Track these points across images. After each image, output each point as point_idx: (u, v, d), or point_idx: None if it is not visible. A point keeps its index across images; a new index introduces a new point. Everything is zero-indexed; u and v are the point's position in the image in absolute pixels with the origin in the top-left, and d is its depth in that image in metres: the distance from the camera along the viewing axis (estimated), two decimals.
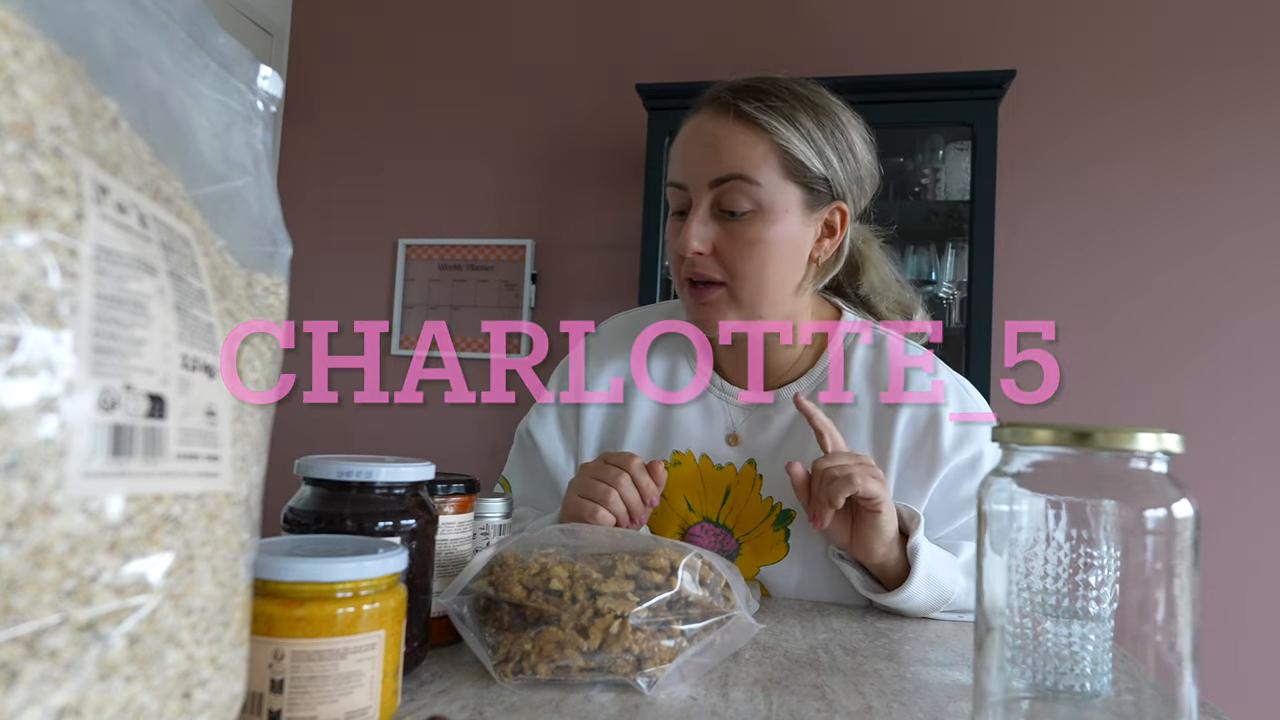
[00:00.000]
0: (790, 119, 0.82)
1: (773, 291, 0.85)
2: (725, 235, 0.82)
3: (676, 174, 0.85)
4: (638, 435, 0.94)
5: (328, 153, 2.76)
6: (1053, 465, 0.43)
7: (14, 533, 0.22)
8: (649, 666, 0.51)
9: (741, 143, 0.81)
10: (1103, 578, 0.42)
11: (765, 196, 0.81)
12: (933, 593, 0.77)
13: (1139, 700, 0.42)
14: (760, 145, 0.81)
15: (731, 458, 0.91)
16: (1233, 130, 2.20)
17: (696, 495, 0.91)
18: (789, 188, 0.82)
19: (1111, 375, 2.22)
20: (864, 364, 0.90)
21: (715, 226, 0.83)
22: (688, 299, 0.87)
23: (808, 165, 0.82)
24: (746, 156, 0.81)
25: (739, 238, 0.82)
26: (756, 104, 0.82)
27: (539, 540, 0.60)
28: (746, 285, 0.83)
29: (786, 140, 0.81)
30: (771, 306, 0.86)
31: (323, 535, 0.47)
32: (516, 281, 2.60)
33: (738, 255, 0.82)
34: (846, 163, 0.85)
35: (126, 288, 0.26)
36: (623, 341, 0.98)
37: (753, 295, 0.84)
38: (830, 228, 0.87)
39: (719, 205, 0.82)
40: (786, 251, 0.84)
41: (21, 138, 0.24)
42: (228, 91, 0.36)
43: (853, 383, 0.89)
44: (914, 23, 2.39)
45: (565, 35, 2.63)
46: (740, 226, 0.82)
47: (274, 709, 0.38)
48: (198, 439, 0.29)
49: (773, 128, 0.81)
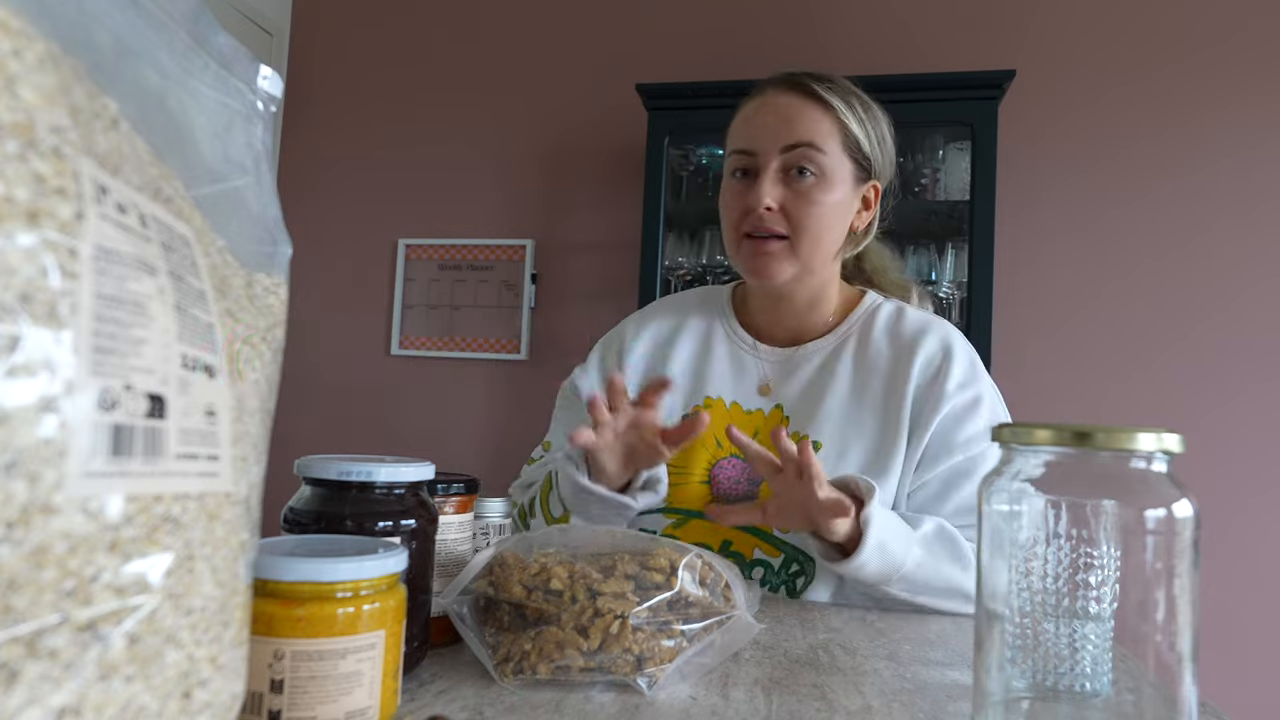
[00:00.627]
0: (848, 102, 0.95)
1: (824, 250, 0.95)
2: (792, 195, 0.93)
3: (744, 141, 0.96)
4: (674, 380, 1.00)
5: (328, 153, 2.76)
6: (1053, 465, 0.43)
7: (14, 533, 0.22)
8: (649, 666, 0.51)
9: (811, 116, 0.93)
10: (1103, 578, 0.42)
11: (829, 164, 0.93)
12: (885, 561, 0.80)
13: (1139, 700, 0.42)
14: (827, 120, 0.93)
15: (760, 404, 1.00)
16: (1234, 130, 2.20)
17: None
18: (845, 161, 0.94)
19: (1112, 375, 2.22)
20: (886, 322, 1.00)
21: (782, 188, 0.93)
22: (747, 250, 0.95)
23: (860, 143, 0.95)
24: (816, 128, 0.93)
25: (804, 197, 0.92)
26: (823, 85, 0.94)
27: (539, 540, 0.60)
28: (806, 239, 0.93)
29: (846, 119, 0.94)
30: (820, 264, 0.96)
31: (323, 535, 0.47)
32: (516, 281, 2.60)
33: (803, 213, 0.92)
34: (882, 147, 0.98)
35: (126, 288, 0.26)
36: (663, 309, 1.11)
37: (810, 250, 0.94)
38: (866, 202, 1.00)
39: (786, 169, 0.93)
40: (839, 216, 0.95)
41: (21, 138, 0.24)
42: (228, 91, 0.36)
43: (874, 337, 0.99)
44: (914, 23, 2.39)
45: (565, 35, 2.63)
46: (806, 188, 0.93)
47: (274, 709, 0.38)
48: (198, 439, 0.29)
49: (837, 107, 0.94)
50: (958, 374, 0.94)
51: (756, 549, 0.93)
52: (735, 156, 0.96)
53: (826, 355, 0.99)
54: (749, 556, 0.93)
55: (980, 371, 0.96)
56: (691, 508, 0.96)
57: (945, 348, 0.96)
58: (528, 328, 2.58)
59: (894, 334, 0.99)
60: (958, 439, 0.91)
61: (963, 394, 0.93)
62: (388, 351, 2.68)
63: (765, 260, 0.94)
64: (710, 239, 2.32)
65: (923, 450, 0.92)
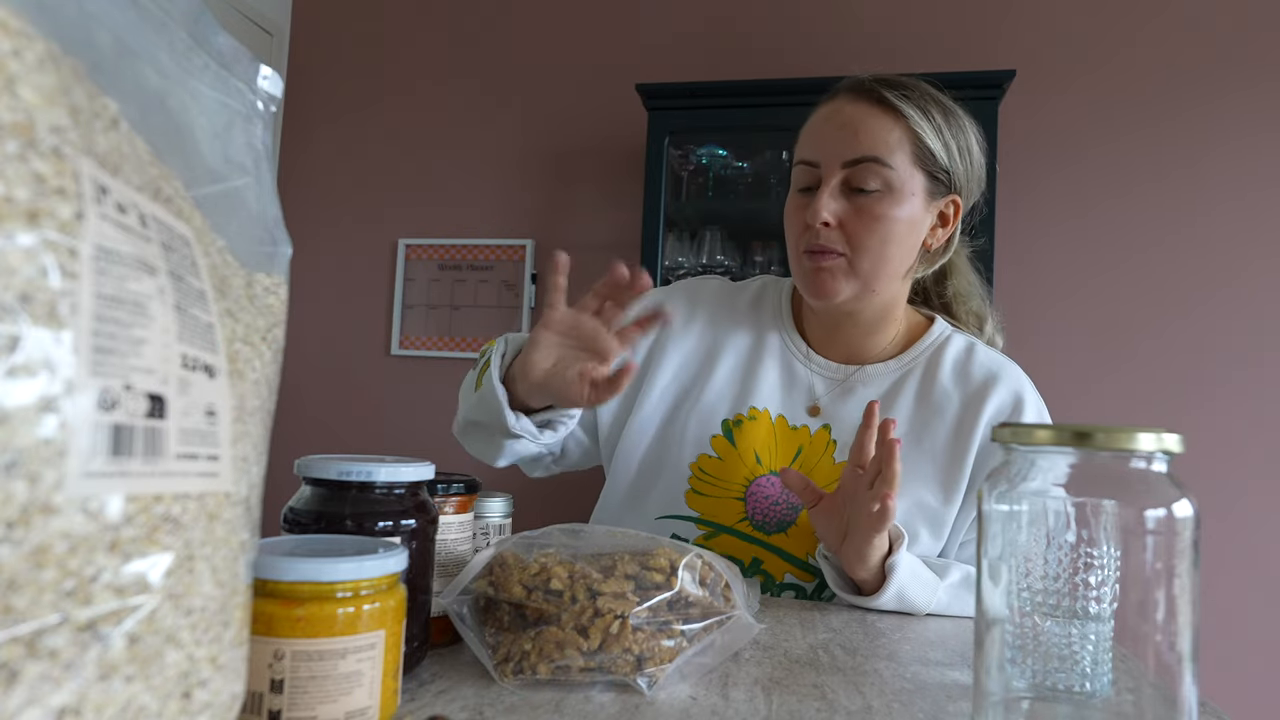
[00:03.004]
0: (924, 110, 0.88)
1: (888, 268, 0.89)
2: (852, 210, 0.87)
3: (808, 152, 0.90)
4: (719, 385, 0.97)
5: (327, 153, 2.76)
6: (1053, 465, 0.43)
7: (14, 533, 0.22)
8: (649, 666, 0.51)
9: (879, 127, 0.87)
10: (1103, 578, 0.42)
11: (896, 179, 0.86)
12: (902, 606, 0.80)
13: (1139, 700, 0.42)
14: (896, 130, 0.87)
15: (808, 422, 0.95)
16: (1234, 130, 2.20)
17: (767, 450, 0.94)
18: (916, 174, 0.88)
19: (1111, 374, 2.22)
20: (955, 360, 0.95)
21: (843, 202, 0.87)
22: (806, 266, 0.90)
23: (935, 155, 0.88)
24: (883, 140, 0.86)
25: (865, 213, 0.87)
26: (896, 92, 0.88)
27: (539, 540, 0.60)
28: (866, 258, 0.87)
29: (920, 128, 0.87)
30: (885, 284, 0.90)
31: (323, 535, 0.47)
32: (516, 281, 2.60)
33: (863, 229, 0.87)
34: (965, 160, 0.91)
35: (126, 288, 0.26)
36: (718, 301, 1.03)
37: (871, 268, 0.88)
38: (944, 218, 0.93)
39: (849, 183, 0.87)
40: (906, 232, 0.88)
41: (21, 138, 0.24)
42: (228, 91, 0.36)
43: (942, 374, 0.93)
44: (914, 23, 2.39)
45: (565, 35, 2.63)
46: (868, 203, 0.87)
47: (274, 709, 0.38)
48: (198, 439, 0.29)
49: (909, 115, 0.87)
50: (1030, 415, 0.90)
51: (788, 573, 0.91)
52: (799, 169, 0.91)
53: (888, 385, 0.94)
54: (779, 579, 0.90)
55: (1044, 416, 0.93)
56: (724, 523, 0.93)
57: (1017, 400, 0.91)
58: (528, 328, 2.58)
59: (963, 374, 0.93)
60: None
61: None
62: (388, 351, 2.68)
63: (822, 278, 0.88)
64: (710, 239, 2.32)
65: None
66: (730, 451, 0.94)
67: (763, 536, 0.91)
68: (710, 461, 0.94)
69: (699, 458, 0.95)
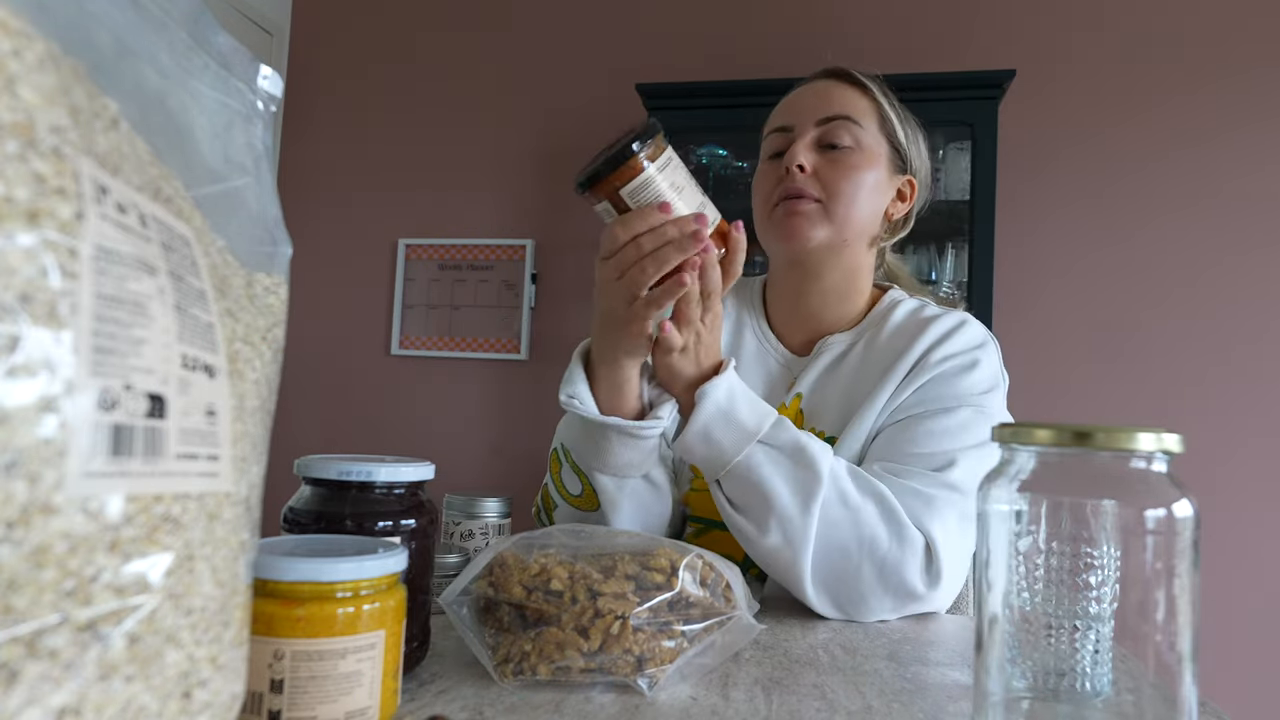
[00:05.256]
0: (885, 92, 0.96)
1: (859, 220, 0.91)
2: (826, 161, 0.91)
3: (782, 119, 0.95)
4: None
5: (328, 152, 2.76)
6: (1053, 465, 0.43)
7: (14, 533, 0.22)
8: (650, 667, 0.51)
9: (850, 94, 0.94)
10: (1103, 578, 0.42)
11: (865, 139, 0.91)
12: (710, 450, 0.75)
13: (1139, 700, 0.42)
14: (865, 100, 0.93)
15: (783, 398, 0.95)
16: (1233, 129, 2.20)
17: None
18: (882, 141, 0.93)
19: (1112, 374, 2.22)
20: (903, 315, 0.94)
21: (818, 155, 0.91)
22: (779, 214, 0.91)
23: (896, 130, 0.94)
24: (854, 104, 0.93)
25: (839, 162, 0.90)
26: (861, 73, 0.95)
27: (539, 540, 0.60)
28: (840, 203, 0.90)
29: (884, 104, 0.94)
30: (854, 237, 0.92)
31: (323, 535, 0.47)
32: (516, 281, 2.60)
33: (838, 175, 0.90)
34: (917, 149, 0.98)
35: (126, 288, 0.26)
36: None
37: (845, 213, 0.90)
38: (902, 194, 0.98)
39: (822, 141, 0.91)
40: (875, 191, 0.93)
41: (21, 138, 0.24)
42: (228, 91, 0.36)
43: (887, 329, 0.93)
44: (914, 23, 2.40)
45: (565, 35, 2.63)
46: (841, 155, 0.91)
47: (274, 709, 0.38)
48: (198, 439, 0.29)
49: (874, 90, 0.94)
50: (963, 340, 0.88)
51: None
52: (771, 137, 0.94)
53: (840, 351, 0.94)
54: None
55: (991, 354, 0.89)
56: (714, 518, 0.91)
57: (961, 321, 0.90)
58: (528, 328, 2.58)
59: (905, 326, 0.92)
60: (937, 393, 0.85)
61: (963, 357, 0.86)
62: (388, 351, 2.68)
63: (797, 221, 0.89)
64: None
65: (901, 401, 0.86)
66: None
67: None
68: None
69: None
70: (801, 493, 0.73)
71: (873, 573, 0.74)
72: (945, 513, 0.77)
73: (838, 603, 0.75)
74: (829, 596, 0.75)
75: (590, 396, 0.79)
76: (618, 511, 0.83)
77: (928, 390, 0.86)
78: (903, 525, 0.75)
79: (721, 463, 0.75)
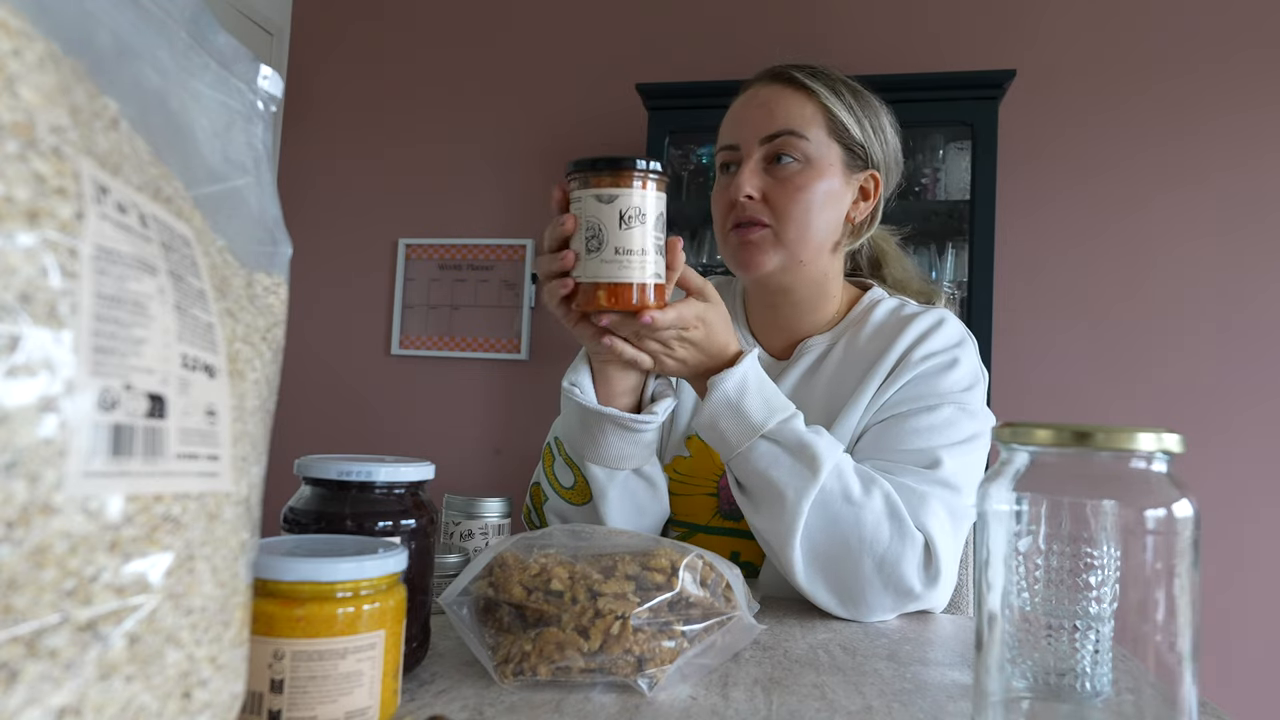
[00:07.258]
0: (833, 89, 0.92)
1: (813, 237, 0.91)
2: (774, 184, 0.90)
3: (728, 136, 0.93)
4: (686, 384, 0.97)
5: (328, 153, 2.76)
6: (1053, 465, 0.43)
7: (14, 532, 0.22)
8: (650, 667, 0.50)
9: (792, 103, 0.91)
10: (1103, 578, 0.42)
11: (813, 151, 0.90)
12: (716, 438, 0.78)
13: (1139, 700, 0.42)
14: (809, 106, 0.91)
15: None
16: (1233, 128, 2.20)
17: None
18: (833, 146, 0.91)
19: (1111, 374, 2.22)
20: (882, 315, 0.94)
21: (765, 177, 0.90)
22: (733, 241, 0.92)
23: (849, 128, 0.92)
24: (797, 114, 0.90)
25: (786, 183, 0.89)
26: (804, 72, 0.92)
27: (539, 541, 0.60)
28: (791, 226, 0.89)
29: (831, 104, 0.91)
30: (812, 255, 0.92)
31: (323, 535, 0.47)
32: (516, 281, 2.60)
33: (785, 198, 0.89)
34: (880, 137, 0.95)
35: (126, 287, 0.26)
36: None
37: (796, 236, 0.89)
38: (865, 192, 0.95)
39: (768, 159, 0.90)
40: (828, 203, 0.91)
41: (21, 138, 0.24)
42: (228, 91, 0.36)
43: (866, 329, 0.93)
44: (914, 23, 2.40)
45: (565, 35, 2.63)
46: (788, 174, 0.89)
47: (274, 709, 0.38)
48: (198, 439, 0.29)
49: (820, 91, 0.91)
50: (942, 339, 0.88)
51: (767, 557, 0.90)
52: (721, 153, 0.95)
53: (820, 353, 0.94)
54: (759, 565, 0.90)
55: (969, 351, 0.89)
56: (698, 521, 0.93)
57: (940, 319, 0.90)
58: (528, 328, 2.58)
59: (884, 326, 0.92)
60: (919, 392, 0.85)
61: (943, 355, 0.87)
62: (388, 351, 2.68)
63: (749, 250, 0.90)
64: (710, 239, 2.32)
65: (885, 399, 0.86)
66: (702, 448, 0.94)
67: (734, 525, 0.92)
68: (683, 461, 0.95)
69: (673, 459, 0.96)
70: (796, 486, 0.75)
71: (872, 568, 0.75)
72: (939, 509, 0.78)
73: (835, 595, 0.76)
74: (826, 588, 0.76)
75: (591, 387, 0.83)
76: (607, 502, 0.85)
77: (910, 389, 0.87)
78: (905, 524, 0.76)
79: (726, 451, 0.79)
